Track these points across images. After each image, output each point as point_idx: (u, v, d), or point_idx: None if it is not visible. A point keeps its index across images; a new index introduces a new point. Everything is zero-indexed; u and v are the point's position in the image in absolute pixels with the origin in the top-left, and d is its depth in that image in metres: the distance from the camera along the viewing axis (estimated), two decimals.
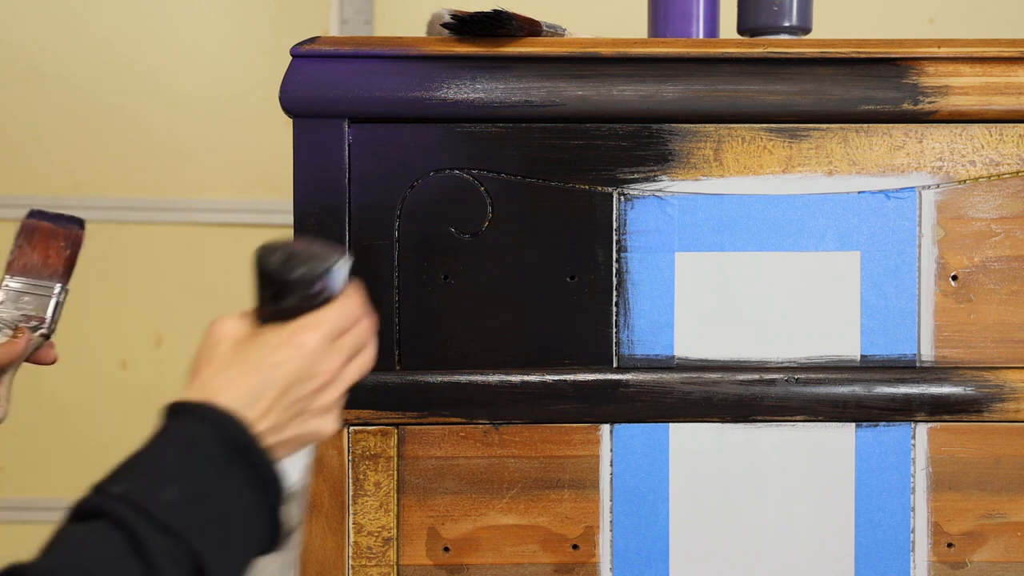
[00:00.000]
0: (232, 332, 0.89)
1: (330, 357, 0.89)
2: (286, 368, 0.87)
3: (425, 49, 1.17)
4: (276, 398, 0.87)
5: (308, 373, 0.88)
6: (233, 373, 0.86)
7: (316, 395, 0.89)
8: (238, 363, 0.87)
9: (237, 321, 0.90)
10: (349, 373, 0.92)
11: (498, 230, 1.18)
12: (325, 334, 0.89)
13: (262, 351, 0.87)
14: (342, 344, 0.91)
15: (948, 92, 1.16)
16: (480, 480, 1.18)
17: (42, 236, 1.20)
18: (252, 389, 0.86)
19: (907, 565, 1.18)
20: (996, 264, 1.18)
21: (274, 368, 0.87)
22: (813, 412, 1.17)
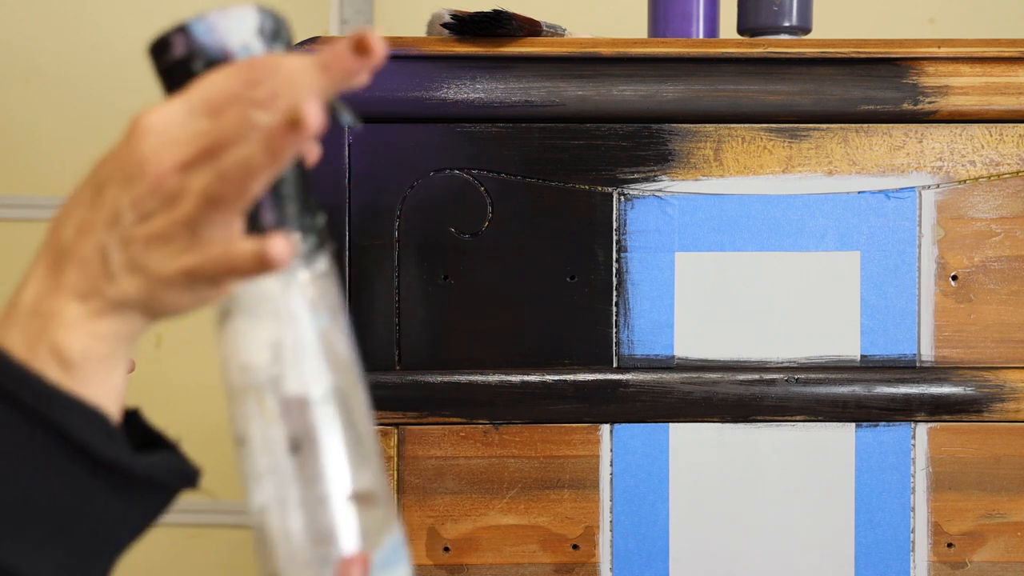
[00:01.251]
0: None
1: (167, 148, 0.58)
2: (106, 166, 0.60)
3: (425, 49, 1.17)
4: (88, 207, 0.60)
5: (127, 170, 0.59)
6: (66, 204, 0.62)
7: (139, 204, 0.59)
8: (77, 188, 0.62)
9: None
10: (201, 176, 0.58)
11: (498, 230, 1.18)
12: (167, 114, 0.59)
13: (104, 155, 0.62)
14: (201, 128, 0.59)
15: (948, 92, 1.16)
16: (480, 480, 1.18)
17: None
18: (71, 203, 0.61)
19: (907, 565, 1.18)
20: (996, 264, 1.18)
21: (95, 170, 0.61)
22: (813, 412, 1.17)
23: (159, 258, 0.59)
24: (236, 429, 0.61)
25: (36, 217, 2.46)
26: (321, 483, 0.59)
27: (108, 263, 0.59)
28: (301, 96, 0.59)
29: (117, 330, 0.60)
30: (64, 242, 0.60)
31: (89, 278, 0.60)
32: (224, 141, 0.59)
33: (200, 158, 0.59)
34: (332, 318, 0.62)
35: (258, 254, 0.58)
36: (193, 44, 0.61)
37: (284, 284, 0.61)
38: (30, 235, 2.45)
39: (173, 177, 0.58)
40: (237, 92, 0.59)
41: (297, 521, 0.59)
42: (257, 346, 0.60)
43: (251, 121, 0.58)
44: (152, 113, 0.59)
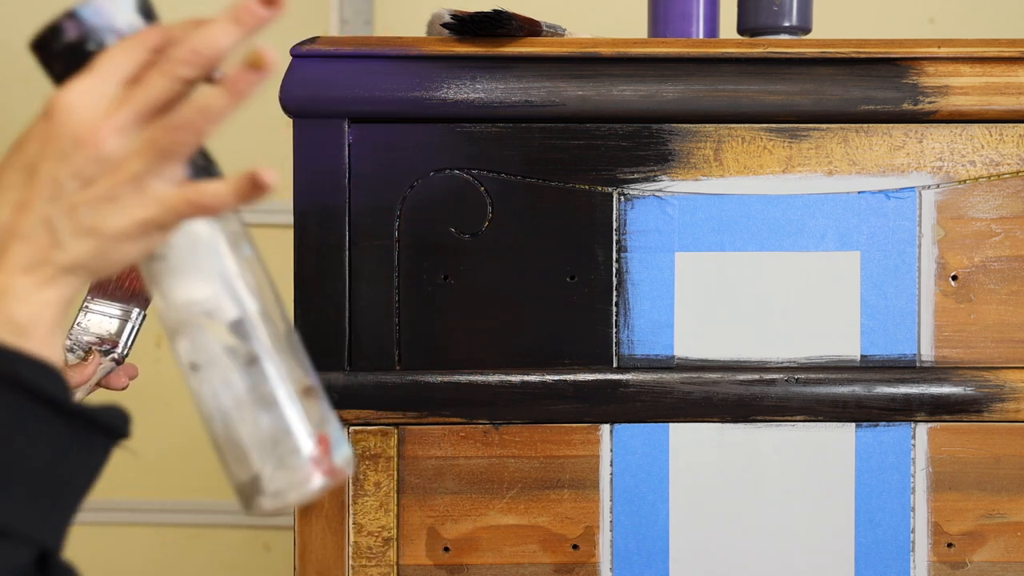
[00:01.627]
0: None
1: (90, 113, 0.64)
2: (32, 143, 0.66)
3: (425, 49, 1.17)
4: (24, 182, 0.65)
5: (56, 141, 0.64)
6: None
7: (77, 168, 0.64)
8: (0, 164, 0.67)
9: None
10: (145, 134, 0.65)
11: (498, 230, 1.18)
12: (81, 87, 0.64)
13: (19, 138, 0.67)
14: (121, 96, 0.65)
15: (948, 92, 1.16)
16: (480, 480, 1.18)
17: None
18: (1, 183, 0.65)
19: (907, 565, 1.18)
20: (996, 264, 1.18)
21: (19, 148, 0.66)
22: (813, 412, 1.17)
23: (110, 216, 0.64)
24: (189, 358, 0.68)
25: None
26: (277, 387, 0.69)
27: (56, 232, 0.64)
28: (224, 46, 0.65)
29: (62, 295, 0.66)
30: (1, 223, 0.65)
31: (36, 250, 0.65)
32: (159, 100, 0.65)
33: (136, 120, 0.65)
34: (248, 247, 0.70)
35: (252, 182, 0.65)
36: (84, 27, 0.66)
37: (210, 224, 0.69)
38: None
39: (112, 141, 0.64)
40: (150, 58, 0.65)
41: (265, 421, 0.68)
42: (199, 282, 0.68)
43: (183, 77, 0.65)
44: (68, 92, 0.64)
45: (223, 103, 0.64)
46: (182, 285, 0.69)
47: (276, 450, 0.68)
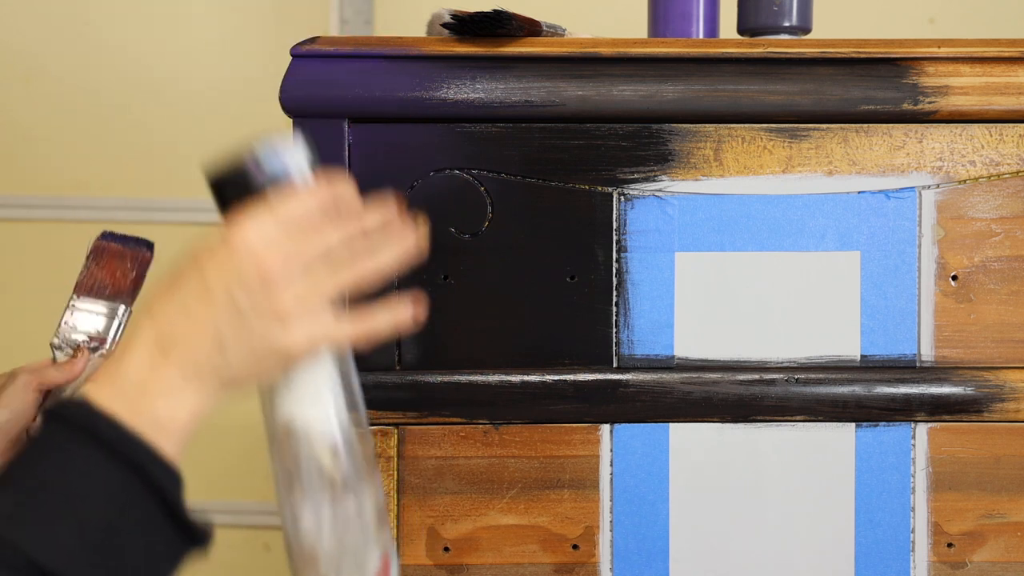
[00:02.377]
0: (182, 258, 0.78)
1: (269, 250, 0.74)
2: (213, 272, 0.74)
3: (425, 49, 1.17)
4: (206, 305, 0.74)
5: (239, 271, 0.74)
6: (162, 294, 0.75)
7: (255, 296, 0.74)
8: (168, 283, 0.76)
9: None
10: (316, 276, 0.76)
11: (498, 230, 1.18)
12: (260, 225, 0.74)
13: (193, 263, 0.75)
14: (294, 237, 0.76)
15: (948, 92, 1.16)
16: (480, 480, 1.18)
17: (110, 257, 1.21)
18: (178, 302, 0.74)
19: (907, 565, 1.18)
20: (996, 264, 1.18)
21: (200, 274, 0.75)
22: (813, 412, 1.17)
23: (279, 338, 0.74)
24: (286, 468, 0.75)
25: (36, 217, 2.45)
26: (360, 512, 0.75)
27: (224, 348, 0.73)
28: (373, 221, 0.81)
29: (204, 405, 0.74)
30: (169, 327, 0.73)
31: (200, 359, 0.73)
32: (325, 246, 0.77)
33: (310, 261, 0.76)
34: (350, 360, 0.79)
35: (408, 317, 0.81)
36: (264, 171, 0.77)
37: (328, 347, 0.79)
38: (30, 235, 2.45)
39: (289, 277, 0.75)
40: (318, 214, 0.77)
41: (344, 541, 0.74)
42: (310, 403, 0.76)
43: (353, 238, 0.79)
44: (250, 230, 0.74)
45: (389, 268, 0.80)
46: (294, 401, 0.77)
47: (346, 567, 0.74)
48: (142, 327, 0.74)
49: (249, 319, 0.74)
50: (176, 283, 0.75)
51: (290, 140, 0.79)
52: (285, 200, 0.76)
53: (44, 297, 2.46)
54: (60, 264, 2.45)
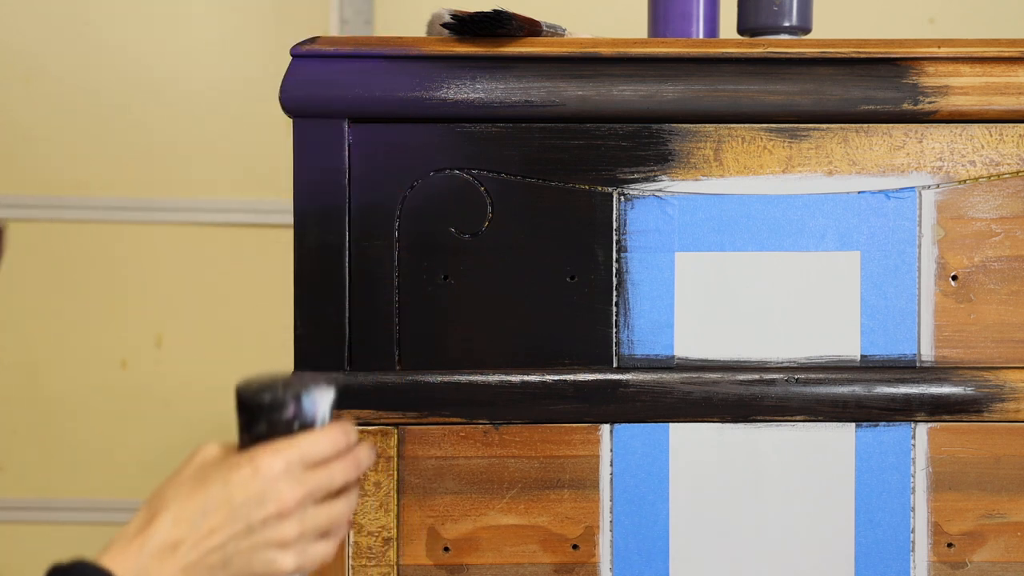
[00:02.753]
0: (207, 455, 0.88)
1: (291, 486, 0.86)
2: (239, 488, 0.85)
3: (425, 49, 1.17)
4: (225, 518, 0.85)
5: (261, 497, 0.86)
6: (185, 492, 0.86)
7: (269, 523, 0.86)
8: (194, 480, 0.86)
9: (217, 447, 0.89)
10: (317, 513, 0.88)
11: (498, 230, 1.18)
12: (288, 460, 0.87)
13: (220, 471, 0.86)
14: (311, 476, 0.88)
15: (948, 92, 1.16)
16: (480, 480, 1.18)
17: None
18: (201, 507, 0.85)
19: (907, 565, 1.18)
20: (996, 264, 1.18)
21: (226, 486, 0.85)
22: (813, 412, 1.17)
23: (275, 560, 0.86)
24: None
25: (36, 217, 2.46)
26: None
27: (227, 561, 0.85)
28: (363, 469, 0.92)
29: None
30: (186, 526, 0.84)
31: (202, 568, 0.84)
32: (331, 488, 0.88)
33: (317, 498, 0.88)
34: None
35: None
36: (299, 410, 0.88)
37: None
38: (30, 235, 2.45)
39: (299, 508, 0.87)
40: (330, 456, 0.88)
41: None
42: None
43: (350, 478, 0.90)
44: (273, 460, 0.86)
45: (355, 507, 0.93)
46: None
47: None
48: (160, 516, 0.84)
49: (257, 542, 0.86)
50: (201, 486, 0.85)
51: (327, 385, 0.90)
52: (310, 442, 0.88)
53: (44, 297, 2.46)
54: (60, 264, 2.46)
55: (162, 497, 0.85)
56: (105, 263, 2.46)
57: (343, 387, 1.16)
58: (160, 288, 2.46)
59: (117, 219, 2.46)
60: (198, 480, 0.86)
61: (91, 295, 2.46)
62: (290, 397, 0.88)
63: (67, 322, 2.46)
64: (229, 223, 2.45)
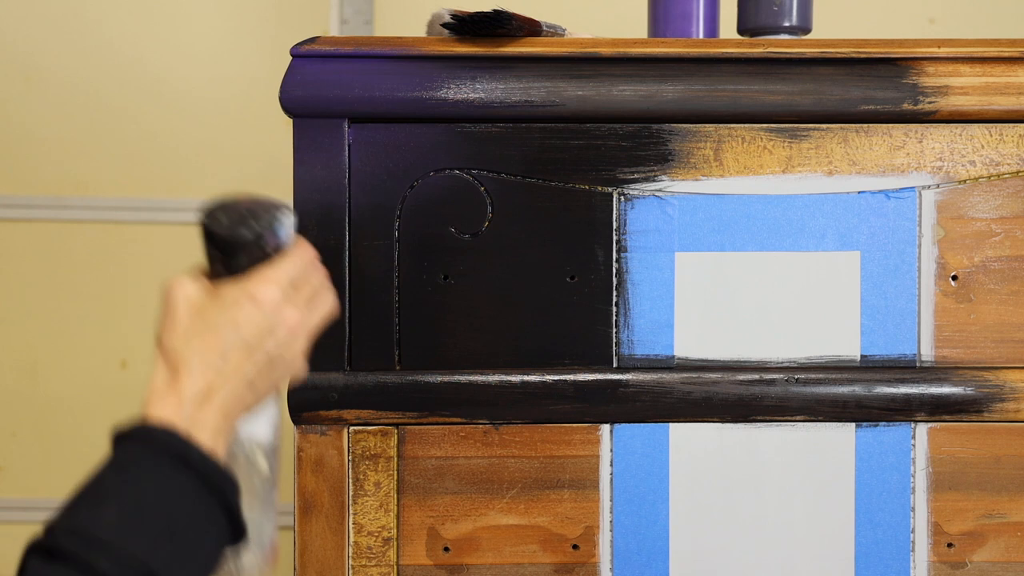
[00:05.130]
0: (189, 295, 0.90)
1: (290, 307, 0.92)
2: (249, 324, 0.90)
3: (425, 49, 1.17)
4: (245, 355, 0.89)
5: (271, 325, 0.91)
6: (198, 341, 0.88)
7: (283, 345, 0.92)
8: (201, 327, 0.89)
9: (192, 283, 0.91)
10: (311, 320, 0.95)
11: (498, 230, 1.18)
12: (282, 286, 0.92)
13: (223, 311, 0.90)
14: (300, 293, 0.93)
15: (948, 92, 1.16)
16: (480, 480, 1.18)
17: None
18: (219, 352, 0.88)
19: (907, 565, 1.18)
20: (996, 264, 1.18)
21: (237, 327, 0.89)
22: (813, 412, 1.17)
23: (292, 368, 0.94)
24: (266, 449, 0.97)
25: (36, 217, 2.46)
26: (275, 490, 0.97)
27: (255, 388, 0.90)
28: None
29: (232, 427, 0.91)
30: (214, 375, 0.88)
31: (235, 403, 0.90)
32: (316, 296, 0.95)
33: (309, 308, 0.94)
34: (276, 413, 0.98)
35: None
36: (276, 239, 0.92)
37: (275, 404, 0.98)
38: (30, 235, 2.45)
39: (300, 325, 0.93)
40: (305, 274, 0.94)
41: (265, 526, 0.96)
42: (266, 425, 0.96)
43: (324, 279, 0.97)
44: (269, 289, 0.91)
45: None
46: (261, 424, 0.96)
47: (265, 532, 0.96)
48: (184, 369, 0.88)
49: (277, 363, 0.92)
50: (211, 332, 0.89)
51: (287, 209, 0.94)
52: (292, 264, 0.93)
53: (44, 297, 2.46)
54: (60, 264, 2.46)
55: (173, 349, 0.88)
56: (105, 263, 2.46)
57: (343, 387, 1.16)
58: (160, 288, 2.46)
59: (117, 219, 2.46)
60: (204, 325, 0.89)
61: (91, 295, 2.46)
62: (266, 230, 0.92)
63: (67, 322, 2.46)
64: None
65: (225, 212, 0.92)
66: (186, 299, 0.90)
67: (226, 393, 0.88)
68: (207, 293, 0.91)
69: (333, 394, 1.16)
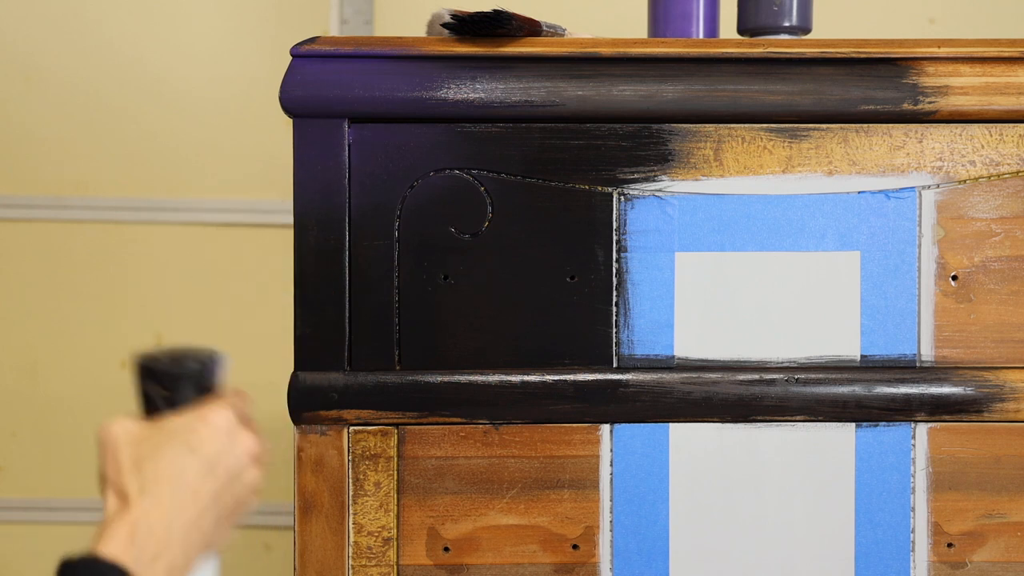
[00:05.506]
0: (129, 429, 0.85)
1: (245, 436, 0.87)
2: (206, 445, 0.85)
3: (425, 49, 1.17)
4: (203, 474, 0.84)
5: (231, 447, 0.86)
6: (149, 465, 0.83)
7: (241, 470, 0.87)
8: (151, 452, 0.83)
9: (127, 423, 0.86)
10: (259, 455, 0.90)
11: (498, 230, 1.18)
12: (232, 415, 0.87)
13: (174, 436, 0.84)
14: (246, 428, 0.89)
15: (948, 92, 1.16)
16: (480, 480, 1.18)
17: None
18: (173, 474, 0.83)
19: (907, 565, 1.18)
20: (996, 264, 1.18)
21: (192, 449, 0.84)
22: (813, 412, 1.17)
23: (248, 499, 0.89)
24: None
25: (36, 217, 2.45)
26: None
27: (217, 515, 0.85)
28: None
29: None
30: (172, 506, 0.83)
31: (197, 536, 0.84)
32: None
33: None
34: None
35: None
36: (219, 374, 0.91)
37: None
38: (30, 235, 2.45)
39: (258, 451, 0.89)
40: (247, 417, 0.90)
41: None
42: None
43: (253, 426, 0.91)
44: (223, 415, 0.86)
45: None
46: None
47: None
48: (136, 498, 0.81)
49: (237, 490, 0.87)
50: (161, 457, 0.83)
51: (222, 352, 0.93)
52: (237, 398, 0.89)
53: (44, 297, 2.46)
54: (60, 264, 2.46)
55: (121, 481, 0.82)
56: (105, 263, 2.46)
57: (343, 387, 1.16)
58: (160, 288, 2.46)
59: (117, 219, 2.46)
60: (154, 450, 0.83)
61: (91, 295, 2.46)
62: (210, 362, 0.91)
63: (67, 322, 2.46)
64: (229, 223, 2.45)
65: (163, 353, 0.91)
66: (127, 434, 0.85)
67: (184, 523, 0.83)
68: (149, 428, 0.85)
69: (333, 394, 1.16)
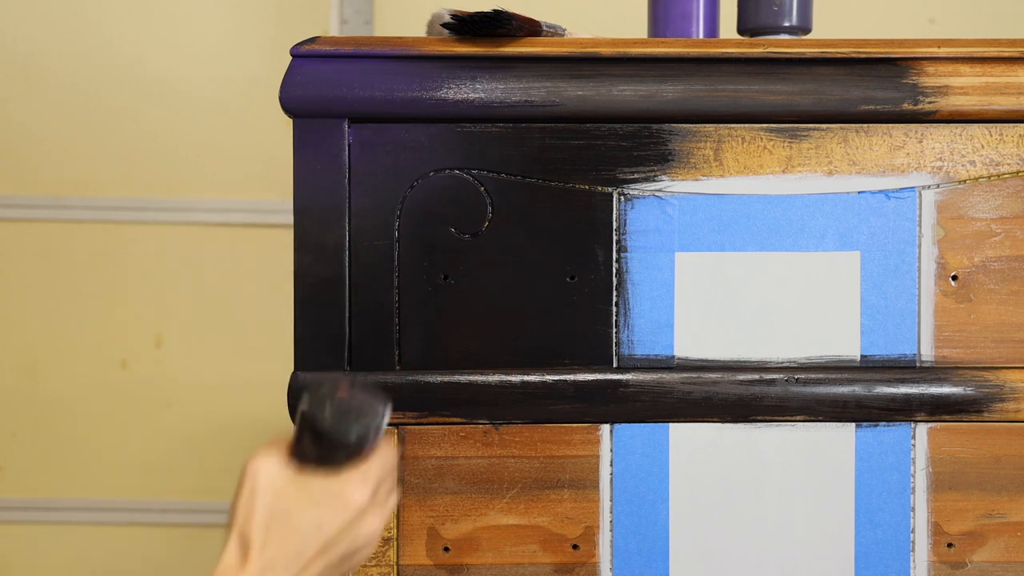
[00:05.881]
0: (274, 478, 0.89)
1: (374, 512, 0.91)
2: (332, 526, 0.89)
3: (425, 49, 1.17)
4: (319, 554, 0.88)
5: (354, 531, 0.90)
6: (278, 532, 0.87)
7: (357, 552, 0.91)
8: (282, 519, 0.88)
9: (277, 463, 0.89)
10: (384, 519, 0.94)
11: (498, 230, 1.18)
12: (371, 490, 0.91)
13: (309, 508, 0.88)
14: (382, 491, 0.92)
15: (948, 92, 1.16)
16: (480, 480, 1.18)
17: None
18: (296, 551, 0.87)
19: (907, 565, 1.18)
20: (996, 264, 1.18)
21: (319, 528, 0.88)
22: (813, 412, 1.17)
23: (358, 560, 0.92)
24: None
25: (36, 217, 2.46)
26: None
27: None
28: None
29: None
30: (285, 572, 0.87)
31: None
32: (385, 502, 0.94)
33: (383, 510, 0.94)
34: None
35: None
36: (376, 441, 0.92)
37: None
38: (30, 235, 2.45)
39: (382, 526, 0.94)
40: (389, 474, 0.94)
41: None
42: None
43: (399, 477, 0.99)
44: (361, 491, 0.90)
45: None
46: None
47: None
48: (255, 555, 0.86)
49: (345, 567, 0.91)
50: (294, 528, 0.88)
51: (387, 403, 0.93)
52: (384, 461, 0.92)
53: (44, 297, 2.46)
54: (60, 264, 2.46)
55: (249, 534, 0.87)
56: (105, 263, 2.46)
57: None
58: (160, 288, 2.46)
59: (117, 219, 2.46)
60: (286, 518, 0.88)
61: (91, 295, 2.46)
62: (369, 431, 0.90)
63: (67, 322, 2.46)
64: (229, 223, 2.45)
65: (332, 405, 0.90)
66: (270, 483, 0.88)
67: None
68: (293, 481, 0.89)
69: None
